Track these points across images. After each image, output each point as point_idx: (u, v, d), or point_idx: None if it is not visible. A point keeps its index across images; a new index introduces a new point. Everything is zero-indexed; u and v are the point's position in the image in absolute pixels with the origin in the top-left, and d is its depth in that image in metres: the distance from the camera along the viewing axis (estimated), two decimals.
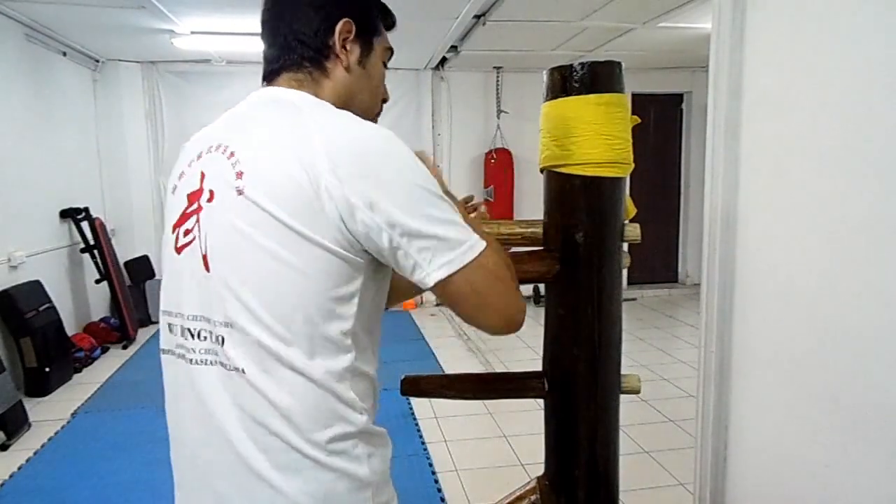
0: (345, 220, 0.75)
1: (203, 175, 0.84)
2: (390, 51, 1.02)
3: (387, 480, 0.89)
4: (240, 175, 0.79)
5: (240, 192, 0.78)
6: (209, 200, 0.82)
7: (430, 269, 0.78)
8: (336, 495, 0.81)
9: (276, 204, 0.76)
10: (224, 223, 0.80)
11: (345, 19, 0.91)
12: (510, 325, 0.84)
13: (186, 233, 0.84)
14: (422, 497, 2.68)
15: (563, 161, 1.12)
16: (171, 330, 0.87)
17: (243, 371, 0.79)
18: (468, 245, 0.78)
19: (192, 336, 0.83)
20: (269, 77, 0.92)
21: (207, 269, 0.81)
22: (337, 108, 0.85)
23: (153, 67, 5.62)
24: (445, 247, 0.77)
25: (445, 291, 0.79)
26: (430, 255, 0.77)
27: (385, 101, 1.03)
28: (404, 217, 0.76)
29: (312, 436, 0.80)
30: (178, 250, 0.85)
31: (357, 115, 0.85)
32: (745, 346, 1.68)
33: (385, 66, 1.01)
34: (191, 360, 0.84)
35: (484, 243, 0.80)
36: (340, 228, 0.76)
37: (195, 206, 0.84)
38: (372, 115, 0.98)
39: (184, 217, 0.85)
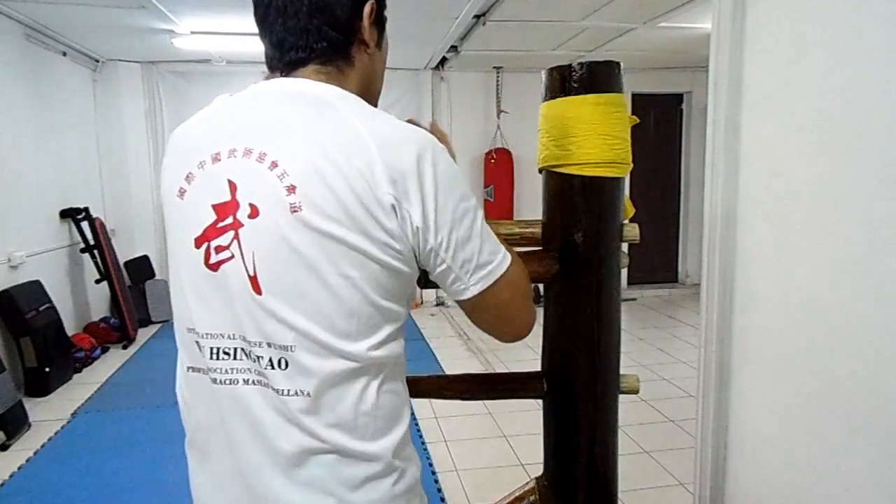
0: (406, 233, 0.75)
1: (234, 186, 0.77)
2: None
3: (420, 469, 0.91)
4: (292, 190, 0.74)
5: (294, 210, 0.73)
6: (252, 216, 0.76)
7: (470, 283, 0.81)
8: (394, 499, 0.82)
9: (337, 222, 0.73)
10: (277, 243, 0.75)
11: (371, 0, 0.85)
12: (521, 335, 0.90)
13: (220, 249, 0.78)
14: None
15: (562, 161, 1.11)
16: (225, 354, 0.80)
17: (305, 394, 0.77)
18: (500, 257, 0.82)
19: (244, 356, 0.79)
20: (289, 67, 0.83)
21: (258, 290, 0.76)
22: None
23: (153, 67, 5.62)
24: (485, 262, 0.80)
25: (474, 304, 0.83)
26: (470, 269, 0.80)
27: None
28: (452, 234, 0.77)
29: (378, 442, 0.80)
30: (213, 267, 0.78)
31: (371, 102, 0.84)
32: (744, 345, 1.68)
33: None
34: (244, 381, 0.80)
35: (510, 256, 0.83)
36: (402, 240, 0.75)
37: (230, 220, 0.77)
38: (378, 96, 0.94)
39: (214, 231, 0.78)
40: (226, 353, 0.80)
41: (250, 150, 0.77)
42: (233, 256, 0.77)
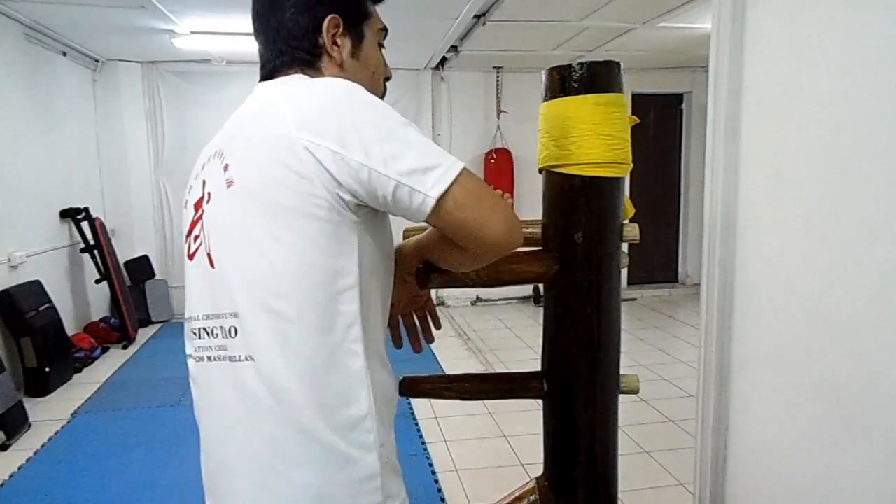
0: (334, 176, 0.76)
1: (204, 183, 0.88)
2: (384, 30, 1.00)
3: (396, 472, 0.87)
4: (226, 168, 0.83)
5: (229, 184, 0.82)
6: (208, 202, 0.86)
7: (428, 187, 0.77)
8: (340, 486, 0.80)
9: (262, 184, 0.78)
10: (220, 217, 0.84)
11: (330, 16, 0.91)
12: (514, 228, 0.83)
13: (196, 238, 0.88)
14: (422, 497, 2.68)
15: (562, 161, 1.11)
16: (194, 334, 0.89)
17: (252, 359, 0.80)
18: (452, 160, 0.80)
19: (207, 335, 0.86)
20: (266, 77, 0.95)
21: (213, 265, 0.84)
22: None
23: (153, 67, 5.62)
24: (432, 164, 0.78)
25: (448, 211, 0.78)
26: (421, 177, 0.77)
27: (387, 79, 1.02)
28: (385, 146, 0.76)
29: (324, 421, 0.79)
30: (191, 257, 0.89)
31: None
32: (745, 346, 1.68)
33: (381, 45, 0.99)
34: (207, 358, 0.87)
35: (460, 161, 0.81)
36: (328, 188, 0.76)
37: (199, 212, 0.88)
38: None
39: (192, 225, 0.90)
40: (194, 332, 0.89)
41: (217, 151, 0.88)
42: (201, 242, 0.87)
